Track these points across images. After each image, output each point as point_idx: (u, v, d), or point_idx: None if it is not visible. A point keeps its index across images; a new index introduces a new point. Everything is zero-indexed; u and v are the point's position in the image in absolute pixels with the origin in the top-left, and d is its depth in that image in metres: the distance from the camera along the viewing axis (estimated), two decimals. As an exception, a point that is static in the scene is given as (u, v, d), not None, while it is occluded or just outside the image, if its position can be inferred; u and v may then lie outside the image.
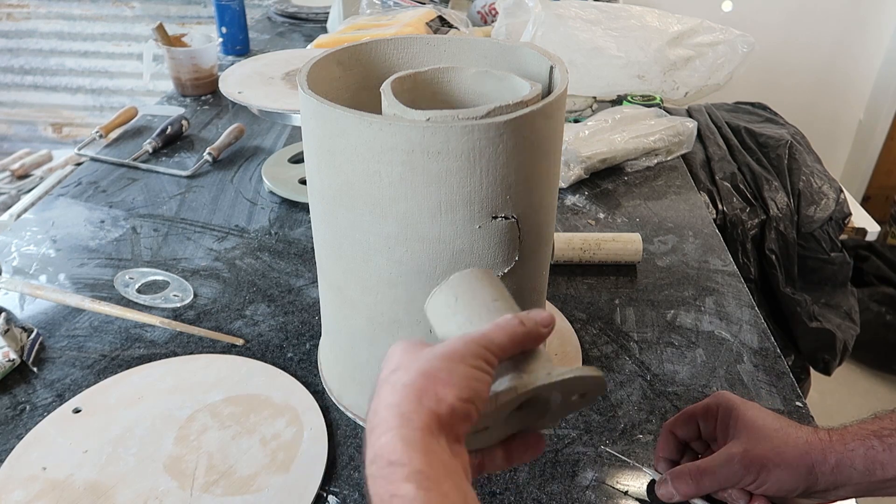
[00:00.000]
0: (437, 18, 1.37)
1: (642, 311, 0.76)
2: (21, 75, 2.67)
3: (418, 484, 0.32)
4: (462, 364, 0.37)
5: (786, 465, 0.48)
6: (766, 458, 0.48)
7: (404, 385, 0.36)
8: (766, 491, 0.49)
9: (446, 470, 0.33)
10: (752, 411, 0.52)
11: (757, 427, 0.50)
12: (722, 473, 0.50)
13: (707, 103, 1.56)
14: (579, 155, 1.02)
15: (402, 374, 0.37)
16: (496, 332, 0.39)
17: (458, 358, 0.37)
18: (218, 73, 1.34)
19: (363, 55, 0.60)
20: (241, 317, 0.74)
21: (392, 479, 0.32)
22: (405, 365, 0.37)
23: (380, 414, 0.35)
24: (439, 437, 0.35)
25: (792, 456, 0.48)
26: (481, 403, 0.37)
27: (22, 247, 0.87)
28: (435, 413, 0.35)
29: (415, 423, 0.34)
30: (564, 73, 0.52)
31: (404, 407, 0.35)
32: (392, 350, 0.40)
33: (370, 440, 0.35)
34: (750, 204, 1.30)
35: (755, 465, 0.49)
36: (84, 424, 0.61)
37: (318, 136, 0.50)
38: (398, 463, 0.33)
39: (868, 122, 2.34)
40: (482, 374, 0.37)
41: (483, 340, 0.38)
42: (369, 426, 0.36)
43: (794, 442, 0.49)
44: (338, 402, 0.63)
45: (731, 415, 0.52)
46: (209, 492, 0.54)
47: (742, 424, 0.51)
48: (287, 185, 0.98)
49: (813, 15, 2.20)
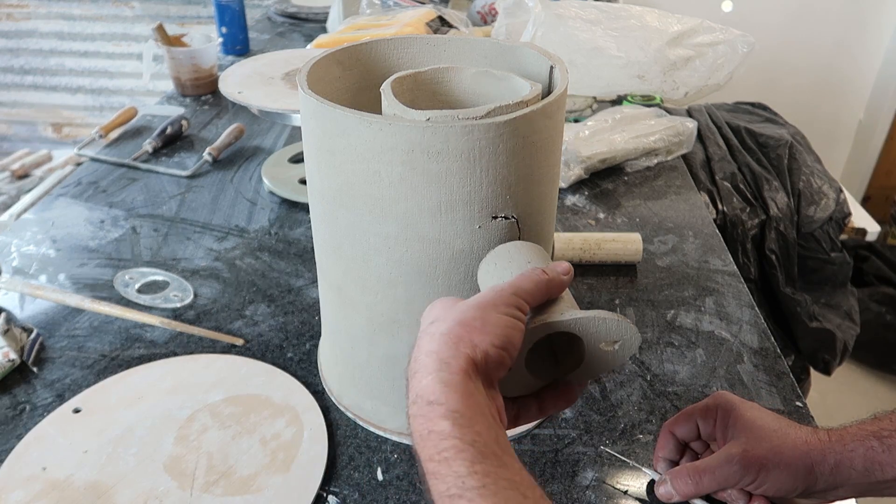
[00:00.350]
0: (437, 18, 1.37)
1: (642, 311, 0.76)
2: (21, 75, 2.67)
3: (454, 421, 0.35)
4: (495, 312, 0.40)
5: (785, 465, 0.48)
6: (766, 459, 0.48)
7: (442, 334, 0.39)
8: (765, 491, 0.49)
9: (481, 411, 0.36)
10: (752, 411, 0.52)
11: (756, 427, 0.50)
12: (721, 473, 0.50)
13: (707, 103, 1.56)
14: (579, 155, 1.02)
15: (440, 325, 0.40)
16: (522, 281, 0.42)
17: (491, 306, 0.40)
18: (218, 73, 1.34)
19: (363, 55, 0.60)
20: (241, 317, 0.75)
21: (430, 417, 0.36)
22: (443, 316, 0.40)
23: (420, 360, 0.39)
24: (476, 381, 0.38)
25: (791, 456, 0.48)
26: (514, 350, 0.40)
27: (22, 247, 0.87)
28: (471, 358, 0.38)
29: (452, 367, 0.37)
30: (564, 73, 0.52)
31: (443, 353, 0.38)
32: (430, 306, 0.43)
33: (412, 384, 0.38)
34: (750, 204, 1.30)
35: (754, 465, 0.49)
36: (84, 424, 0.61)
37: (318, 136, 0.50)
38: (436, 402, 0.36)
39: (868, 122, 2.34)
40: (514, 321, 0.40)
41: (511, 289, 0.42)
42: (410, 371, 0.39)
43: (794, 442, 0.49)
44: (338, 402, 0.63)
45: (731, 415, 0.52)
46: (209, 492, 0.54)
47: (742, 424, 0.51)
48: (287, 185, 0.98)
49: (813, 15, 2.20)
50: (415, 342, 0.41)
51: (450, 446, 0.34)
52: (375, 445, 0.59)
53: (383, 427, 0.60)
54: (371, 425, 0.61)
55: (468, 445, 0.34)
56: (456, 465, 0.34)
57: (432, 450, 0.35)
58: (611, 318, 0.42)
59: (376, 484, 0.56)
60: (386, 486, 0.56)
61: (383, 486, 0.56)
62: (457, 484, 0.33)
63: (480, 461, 0.34)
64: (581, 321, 0.42)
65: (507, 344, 0.39)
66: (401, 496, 0.55)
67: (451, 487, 0.33)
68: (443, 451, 0.34)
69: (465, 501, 0.33)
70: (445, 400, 0.36)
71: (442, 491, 0.34)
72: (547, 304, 0.43)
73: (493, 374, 0.39)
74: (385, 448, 0.59)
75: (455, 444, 0.34)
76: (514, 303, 0.41)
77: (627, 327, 0.42)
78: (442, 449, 0.34)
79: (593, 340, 0.43)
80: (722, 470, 0.50)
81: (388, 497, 0.55)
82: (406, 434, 0.59)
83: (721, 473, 0.50)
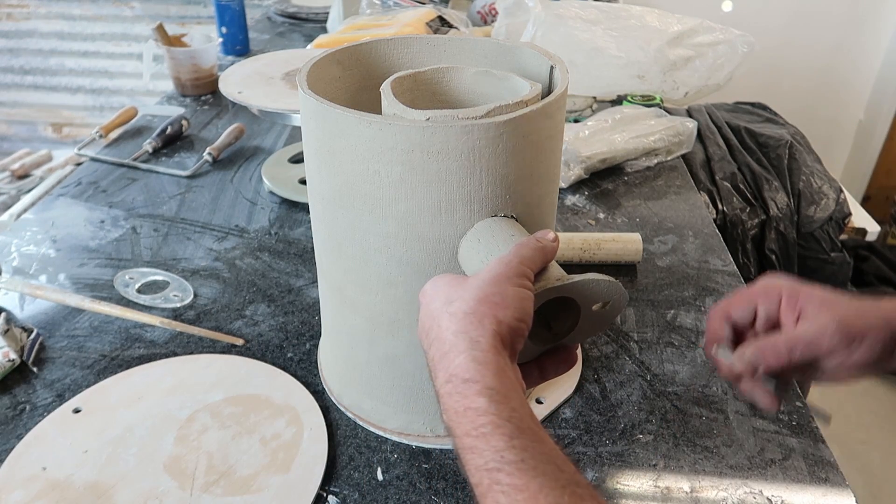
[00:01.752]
0: (437, 18, 1.37)
1: (642, 311, 0.76)
2: (21, 75, 2.67)
3: (490, 398, 0.37)
4: (509, 284, 0.42)
5: (875, 333, 0.47)
6: (857, 328, 0.47)
7: (465, 313, 0.40)
8: (856, 361, 0.47)
9: (514, 387, 0.38)
10: (818, 290, 0.50)
11: (834, 302, 0.49)
12: (816, 343, 0.47)
13: (707, 103, 1.56)
14: (579, 155, 1.02)
15: (460, 304, 0.41)
16: (525, 249, 0.44)
17: (505, 279, 0.42)
18: (218, 73, 1.34)
19: (363, 55, 0.60)
20: (241, 317, 0.74)
21: (466, 394, 0.37)
22: (459, 295, 0.42)
23: (448, 340, 0.40)
24: (504, 356, 0.39)
25: (878, 326, 0.47)
26: (529, 319, 0.42)
27: (22, 247, 0.87)
28: (497, 333, 0.40)
29: (482, 344, 0.39)
30: (564, 73, 0.52)
31: (471, 332, 0.39)
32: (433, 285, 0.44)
33: (443, 364, 0.40)
34: (750, 204, 1.30)
35: (849, 334, 0.47)
36: (84, 424, 0.61)
37: (318, 136, 0.50)
38: (472, 380, 0.37)
39: (868, 122, 2.34)
40: (527, 292, 0.42)
41: (517, 258, 0.43)
42: (439, 353, 0.40)
43: (876, 312, 0.48)
44: (338, 402, 0.63)
45: (800, 294, 0.50)
46: (209, 492, 0.54)
47: (818, 300, 0.49)
48: (287, 185, 0.98)
49: (813, 15, 2.20)
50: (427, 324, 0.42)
51: (487, 422, 0.36)
52: (375, 445, 0.59)
53: (383, 427, 0.60)
54: (371, 425, 0.61)
55: (505, 421, 0.36)
56: (494, 439, 0.35)
57: (469, 425, 0.36)
58: (603, 279, 0.45)
59: (376, 484, 0.56)
60: (386, 485, 0.56)
61: (383, 486, 0.56)
62: (495, 458, 0.34)
63: (518, 436, 0.35)
64: (578, 284, 0.45)
65: (525, 315, 0.41)
66: (401, 496, 0.55)
67: (489, 461, 0.35)
68: (480, 427, 0.36)
69: (504, 475, 0.34)
70: (480, 377, 0.37)
71: (480, 465, 0.35)
72: (541, 271, 0.45)
73: (516, 345, 0.41)
74: (385, 448, 0.59)
75: (492, 420, 0.36)
76: (523, 273, 0.42)
77: (616, 287, 0.46)
78: (479, 424, 0.36)
79: (587, 302, 0.46)
80: (818, 340, 0.47)
81: (388, 497, 0.55)
82: (406, 434, 0.59)
83: (816, 343, 0.47)
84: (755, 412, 0.63)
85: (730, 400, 0.64)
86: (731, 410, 0.63)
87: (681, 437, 0.60)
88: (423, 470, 0.57)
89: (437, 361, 0.40)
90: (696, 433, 0.61)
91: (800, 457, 0.59)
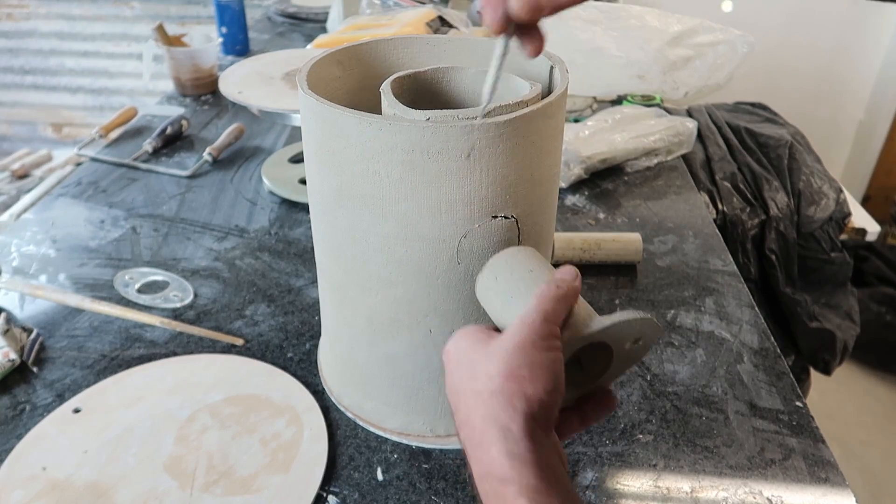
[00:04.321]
0: (437, 18, 1.37)
1: (642, 311, 0.76)
2: (21, 75, 2.66)
3: (530, 498, 0.34)
4: (536, 351, 0.38)
5: None
6: None
7: (492, 393, 0.37)
8: None
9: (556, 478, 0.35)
10: None
11: None
12: None
13: (707, 103, 1.56)
14: (579, 155, 1.02)
15: (485, 382, 0.38)
16: (545, 303, 0.40)
17: (530, 344, 0.38)
18: (218, 73, 1.34)
19: (363, 55, 0.60)
20: (241, 317, 0.74)
21: (505, 497, 0.34)
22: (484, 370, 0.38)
23: (477, 427, 0.37)
24: (540, 438, 0.36)
25: None
26: (562, 386, 0.38)
27: (22, 247, 0.87)
28: (529, 415, 0.36)
29: (515, 433, 0.36)
30: (564, 73, 0.52)
31: (501, 418, 0.36)
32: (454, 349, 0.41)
33: (476, 454, 0.37)
34: (750, 204, 1.30)
35: None
36: (84, 424, 0.60)
37: (318, 136, 0.50)
38: (509, 480, 0.35)
39: (868, 122, 2.34)
40: (556, 355, 0.38)
41: (540, 316, 0.39)
42: (470, 442, 0.37)
43: None
44: (338, 402, 0.63)
45: None
46: (209, 492, 0.54)
47: None
48: (287, 185, 0.98)
49: (813, 15, 2.20)
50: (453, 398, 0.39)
51: None
52: (375, 445, 0.59)
53: (383, 427, 0.60)
54: (371, 425, 0.61)
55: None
56: None
57: None
58: (635, 318, 0.41)
59: (376, 484, 0.56)
60: (386, 486, 0.56)
61: (383, 486, 0.56)
62: None
63: None
64: (609, 329, 0.41)
65: (557, 383, 0.38)
66: (401, 496, 0.55)
67: None
68: None
69: None
70: (518, 476, 0.35)
71: None
72: (567, 316, 0.42)
73: (551, 417, 0.38)
74: (385, 448, 0.59)
75: None
76: (549, 332, 0.39)
77: (650, 323, 0.42)
78: None
79: (620, 342, 0.43)
80: None
81: (388, 497, 0.55)
82: (406, 434, 0.59)
83: None
84: (755, 412, 0.63)
85: (730, 400, 0.64)
86: (731, 410, 0.63)
87: (681, 437, 0.60)
88: (423, 470, 0.57)
89: (468, 448, 0.38)
90: (696, 433, 0.61)
91: (800, 457, 0.59)
